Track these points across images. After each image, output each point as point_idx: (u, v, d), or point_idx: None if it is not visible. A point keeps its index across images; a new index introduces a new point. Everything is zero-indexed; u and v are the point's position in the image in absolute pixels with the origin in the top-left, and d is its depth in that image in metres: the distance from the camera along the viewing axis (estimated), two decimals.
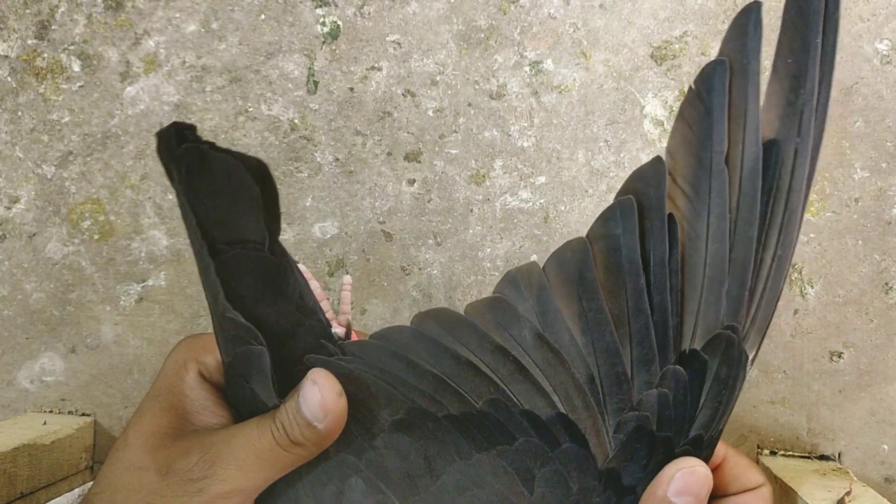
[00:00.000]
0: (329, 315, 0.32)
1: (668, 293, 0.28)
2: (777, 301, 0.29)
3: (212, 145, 0.27)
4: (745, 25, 0.29)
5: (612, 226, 0.29)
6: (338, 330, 0.32)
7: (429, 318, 0.31)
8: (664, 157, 0.30)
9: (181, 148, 0.27)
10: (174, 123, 0.28)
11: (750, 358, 0.28)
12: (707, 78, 0.29)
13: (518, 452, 0.28)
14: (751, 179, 0.28)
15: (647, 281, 0.29)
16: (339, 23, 0.53)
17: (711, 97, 0.29)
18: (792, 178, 0.28)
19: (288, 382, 0.28)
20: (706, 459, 0.29)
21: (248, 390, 0.28)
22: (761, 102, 0.29)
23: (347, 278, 0.35)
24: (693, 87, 0.30)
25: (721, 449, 0.32)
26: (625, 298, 0.29)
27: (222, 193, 0.28)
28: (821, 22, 0.28)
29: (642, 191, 0.29)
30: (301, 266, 0.32)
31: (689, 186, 0.29)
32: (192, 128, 0.28)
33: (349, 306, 0.34)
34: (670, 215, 0.29)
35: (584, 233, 0.31)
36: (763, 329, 0.29)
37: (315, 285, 0.32)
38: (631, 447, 0.28)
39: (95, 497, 0.29)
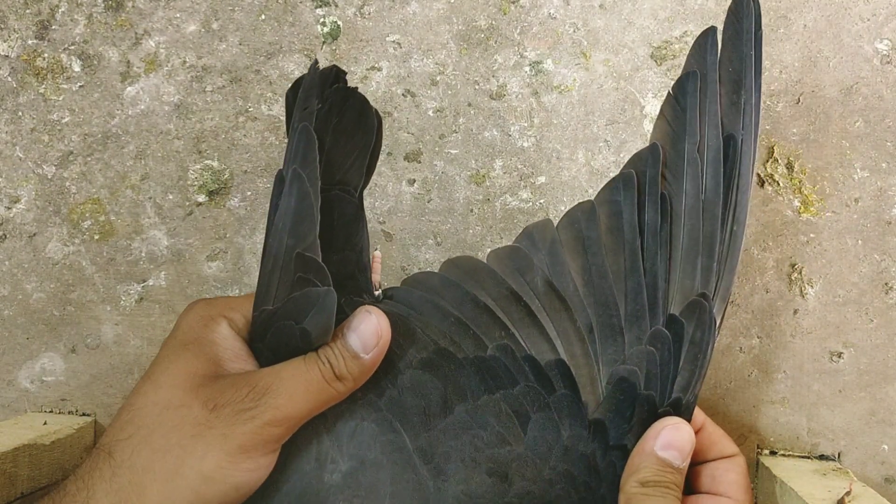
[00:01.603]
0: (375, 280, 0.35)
1: (658, 260, 0.32)
2: (735, 271, 0.33)
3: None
4: (705, 45, 0.35)
5: (615, 193, 0.34)
6: (377, 293, 0.35)
7: (455, 264, 0.35)
8: None
9: (334, 86, 0.31)
10: (335, 66, 0.32)
11: (717, 323, 0.32)
12: (682, 85, 0.35)
13: (518, 396, 0.31)
14: (714, 166, 0.33)
15: (641, 247, 0.33)
16: (340, 23, 0.53)
17: (686, 100, 0.34)
18: (740, 163, 0.33)
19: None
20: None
21: (296, 332, 0.30)
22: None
23: (377, 253, 0.37)
24: (671, 91, 0.35)
25: (699, 416, 0.34)
26: (623, 257, 0.33)
27: (349, 134, 0.31)
28: (752, 38, 0.34)
29: (641, 169, 0.34)
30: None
31: (669, 171, 0.34)
32: (345, 73, 0.32)
33: (379, 276, 0.36)
34: (663, 193, 0.33)
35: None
36: (726, 298, 0.32)
37: (377, 255, 0.36)
38: (616, 399, 0.31)
39: (119, 444, 0.28)
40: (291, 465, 0.30)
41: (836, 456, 0.51)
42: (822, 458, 0.50)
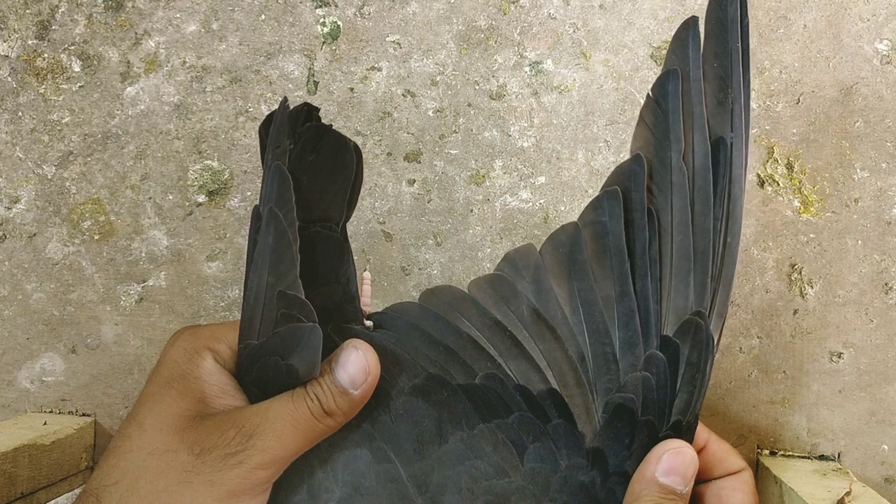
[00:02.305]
0: (364, 303, 0.34)
1: (648, 280, 0.30)
2: (731, 285, 0.31)
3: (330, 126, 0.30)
4: (686, 38, 0.32)
5: (599, 213, 0.32)
6: (367, 324, 0.33)
7: (434, 294, 0.33)
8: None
9: (306, 125, 0.30)
10: (306, 104, 0.31)
11: (714, 341, 0.30)
12: (662, 85, 0.32)
13: (513, 426, 0.30)
14: (702, 174, 0.31)
15: (631, 268, 0.31)
16: (339, 23, 0.53)
17: (667, 102, 0.32)
18: (731, 170, 0.31)
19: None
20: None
21: (283, 368, 0.29)
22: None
23: (367, 274, 0.36)
24: (650, 94, 0.32)
25: (703, 433, 0.33)
26: (611, 281, 0.31)
27: (326, 171, 0.30)
28: (738, 28, 0.31)
29: (625, 185, 0.32)
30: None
31: (655, 184, 0.32)
32: (317, 109, 0.31)
33: (370, 299, 0.35)
34: (650, 209, 0.31)
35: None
36: (723, 314, 0.31)
37: (367, 276, 0.34)
38: (614, 426, 0.29)
39: (106, 490, 0.28)
40: (283, 501, 0.29)
41: (836, 456, 0.51)
42: (822, 458, 0.50)
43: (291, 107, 0.31)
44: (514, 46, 0.52)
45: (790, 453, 0.51)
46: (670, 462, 0.29)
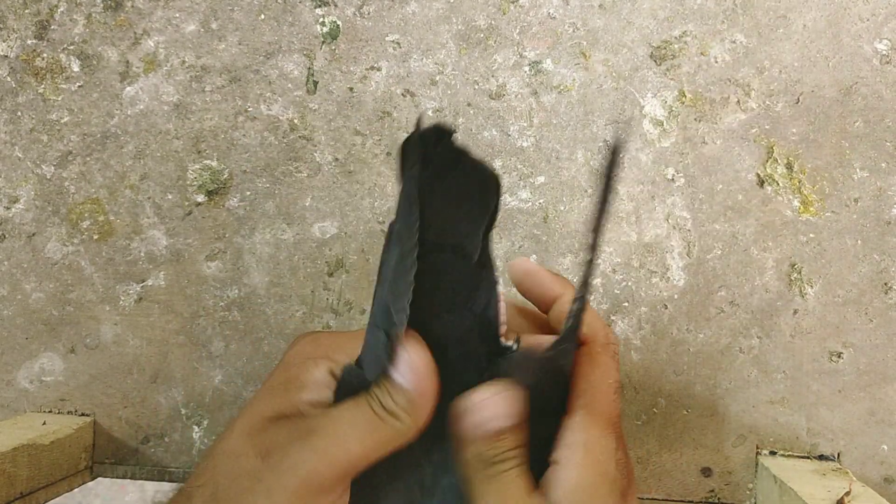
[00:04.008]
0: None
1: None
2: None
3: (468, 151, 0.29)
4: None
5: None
6: (508, 343, 0.32)
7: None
8: None
9: (442, 146, 0.29)
10: (438, 123, 0.29)
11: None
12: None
13: None
14: None
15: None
16: (339, 23, 0.53)
17: None
18: None
19: (448, 390, 0.29)
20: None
21: (358, 377, 0.29)
22: None
23: (502, 305, 0.35)
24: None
25: (555, 287, 0.32)
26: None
27: (461, 197, 0.30)
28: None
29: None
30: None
31: None
32: (453, 131, 0.29)
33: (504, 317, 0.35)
34: None
35: (582, 232, 0.31)
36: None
37: (502, 306, 0.33)
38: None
39: (197, 490, 0.28)
40: None
41: (836, 456, 0.51)
42: (821, 458, 0.50)
43: (424, 125, 0.30)
44: (513, 46, 0.52)
45: (790, 453, 0.51)
46: (481, 414, 0.28)
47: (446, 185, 0.29)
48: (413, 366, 0.28)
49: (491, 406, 0.28)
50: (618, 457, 0.29)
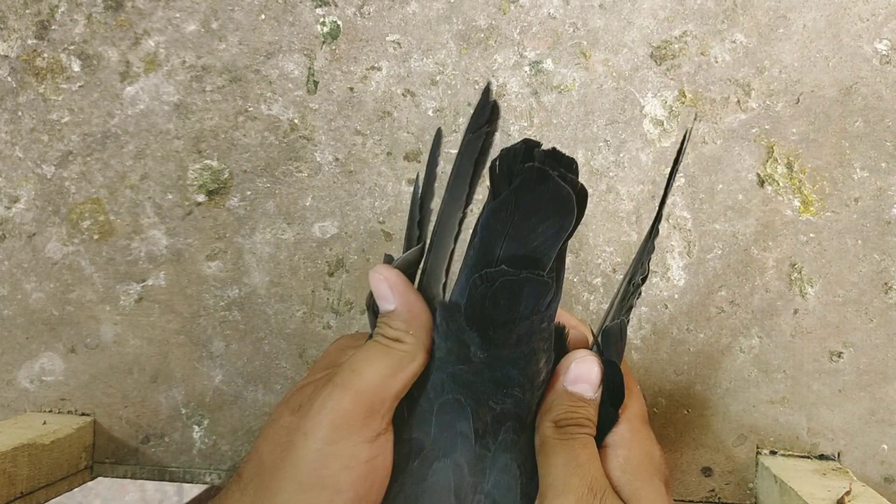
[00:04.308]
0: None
1: None
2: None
3: (550, 171, 0.29)
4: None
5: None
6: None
7: None
8: None
9: (527, 165, 0.30)
10: (527, 140, 0.30)
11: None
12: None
13: None
14: None
15: None
16: (339, 23, 0.53)
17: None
18: None
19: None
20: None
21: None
22: None
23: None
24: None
25: (570, 320, 0.35)
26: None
27: (540, 216, 0.30)
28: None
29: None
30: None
31: None
32: (539, 145, 0.30)
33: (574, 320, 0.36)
34: None
35: (583, 232, 0.32)
36: None
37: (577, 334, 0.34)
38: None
39: (245, 466, 0.30)
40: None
41: (836, 456, 0.51)
42: (821, 457, 0.50)
43: (493, 98, 0.31)
44: (513, 46, 0.52)
45: (790, 453, 0.51)
46: (577, 371, 0.31)
47: (529, 201, 0.30)
48: (384, 282, 0.31)
49: (586, 370, 0.31)
50: (658, 448, 0.32)
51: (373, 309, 0.33)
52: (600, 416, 0.32)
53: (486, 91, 0.31)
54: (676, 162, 0.35)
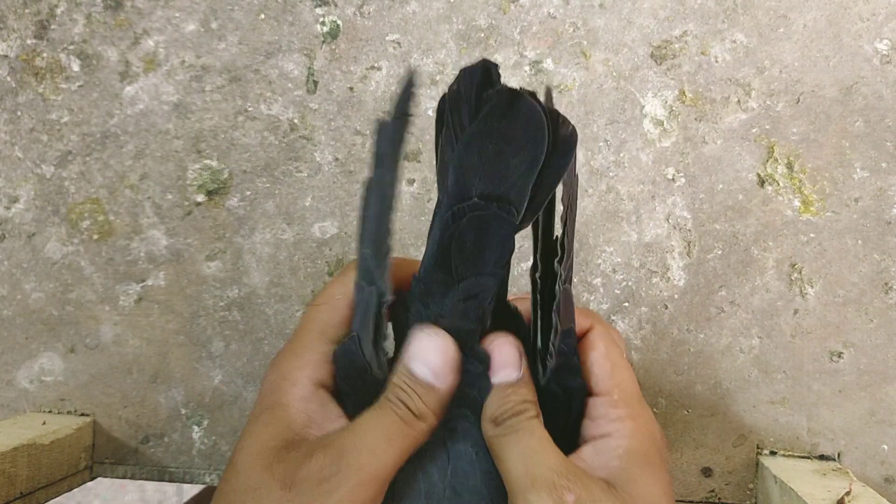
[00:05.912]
0: None
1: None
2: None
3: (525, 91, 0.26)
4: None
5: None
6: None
7: None
8: None
9: (497, 88, 0.26)
10: (484, 60, 0.27)
11: None
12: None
13: None
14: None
15: None
16: (339, 22, 0.53)
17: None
18: None
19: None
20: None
21: (355, 341, 0.28)
22: None
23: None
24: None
25: (585, 321, 0.31)
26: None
27: (515, 144, 0.27)
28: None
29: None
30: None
31: None
32: (497, 66, 0.27)
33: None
34: None
35: (583, 232, 0.31)
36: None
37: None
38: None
39: None
40: None
41: (836, 456, 0.51)
42: (821, 458, 0.50)
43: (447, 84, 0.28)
44: (514, 45, 0.52)
45: (790, 453, 0.51)
46: (495, 359, 0.28)
47: (503, 128, 0.27)
48: (445, 354, 0.27)
49: (499, 354, 0.28)
50: (658, 427, 0.29)
51: (378, 293, 0.28)
52: (570, 392, 0.29)
53: (411, 77, 0.28)
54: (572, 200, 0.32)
